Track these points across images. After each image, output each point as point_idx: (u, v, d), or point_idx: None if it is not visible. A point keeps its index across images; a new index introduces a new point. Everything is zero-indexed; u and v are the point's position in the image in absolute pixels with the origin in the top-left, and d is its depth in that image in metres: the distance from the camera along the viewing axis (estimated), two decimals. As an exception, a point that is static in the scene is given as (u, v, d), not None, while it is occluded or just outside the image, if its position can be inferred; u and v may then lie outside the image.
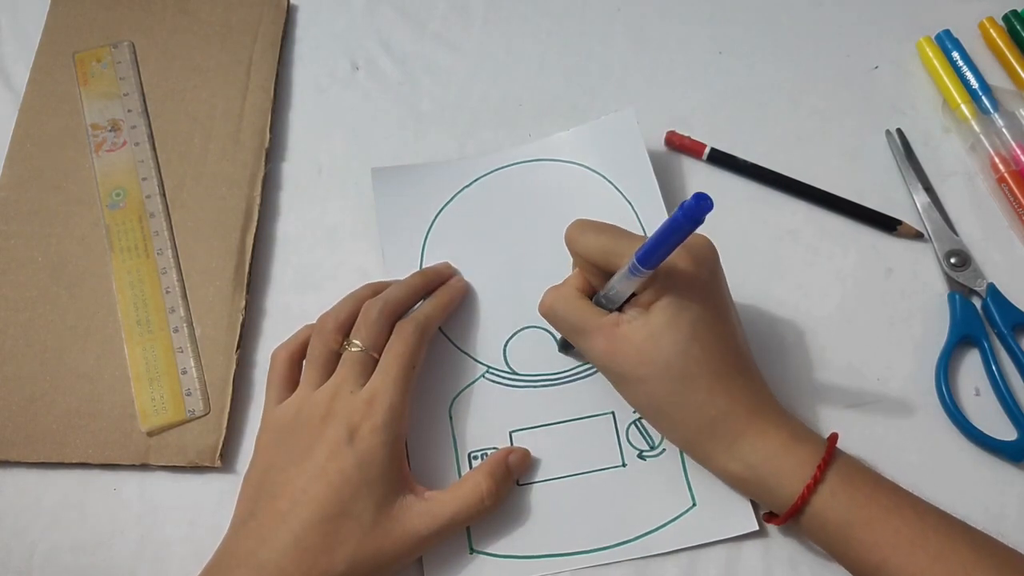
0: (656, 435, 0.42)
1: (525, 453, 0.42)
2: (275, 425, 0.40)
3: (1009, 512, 0.41)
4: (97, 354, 0.45)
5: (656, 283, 0.37)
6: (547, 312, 0.41)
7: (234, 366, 0.44)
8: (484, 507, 0.39)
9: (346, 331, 0.42)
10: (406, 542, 0.37)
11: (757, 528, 0.39)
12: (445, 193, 0.49)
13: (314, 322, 0.43)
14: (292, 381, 0.42)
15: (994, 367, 0.44)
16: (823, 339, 0.45)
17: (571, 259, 0.41)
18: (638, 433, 0.43)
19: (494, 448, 0.42)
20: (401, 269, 0.46)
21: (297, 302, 0.47)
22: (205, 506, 0.43)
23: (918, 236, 0.48)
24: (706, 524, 0.40)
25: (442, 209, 0.49)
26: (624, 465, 0.42)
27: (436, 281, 0.45)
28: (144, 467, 0.43)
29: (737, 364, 0.38)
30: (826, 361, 0.45)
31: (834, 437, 0.38)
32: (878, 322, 0.46)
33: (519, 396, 0.44)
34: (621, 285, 0.37)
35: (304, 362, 0.42)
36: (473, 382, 0.44)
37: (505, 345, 0.45)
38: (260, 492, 0.38)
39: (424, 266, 0.47)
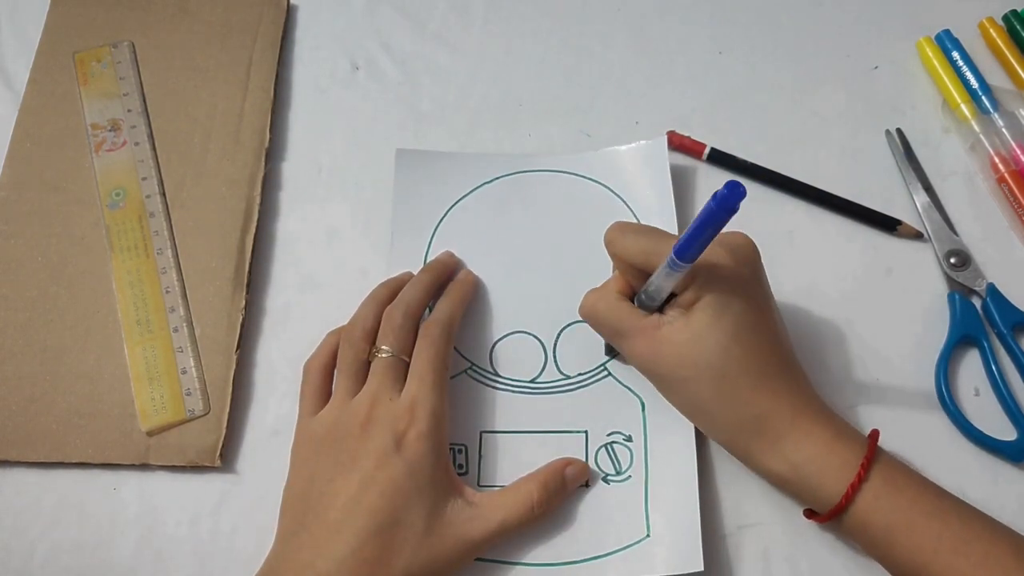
0: (624, 461, 0.42)
1: (583, 467, 0.41)
2: (314, 436, 0.40)
3: (1009, 512, 0.41)
4: (97, 354, 0.45)
5: (696, 282, 0.37)
6: (588, 314, 0.41)
7: (234, 366, 0.45)
8: (533, 515, 0.39)
9: (373, 338, 0.42)
10: (459, 548, 0.37)
11: (702, 569, 0.39)
12: (465, 185, 0.49)
13: (338, 328, 0.43)
14: (325, 391, 0.41)
15: (994, 367, 0.44)
16: (823, 339, 0.45)
17: (573, 269, 0.41)
18: (607, 457, 0.42)
19: (463, 445, 0.42)
20: (408, 254, 0.47)
21: (297, 302, 0.47)
22: (205, 506, 0.43)
23: (918, 236, 0.48)
24: (655, 557, 0.40)
25: (459, 200, 0.48)
26: (586, 486, 0.42)
27: (445, 274, 0.45)
28: (144, 467, 0.43)
29: (780, 363, 0.38)
30: (826, 361, 0.45)
31: (875, 435, 0.37)
32: (878, 322, 0.46)
33: (497, 398, 0.44)
34: (661, 282, 0.37)
35: (336, 372, 0.42)
36: (454, 376, 0.44)
37: (493, 346, 0.45)
38: (307, 504, 0.38)
39: (430, 255, 0.47)
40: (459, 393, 0.44)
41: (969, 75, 0.51)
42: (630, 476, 0.42)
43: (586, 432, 0.43)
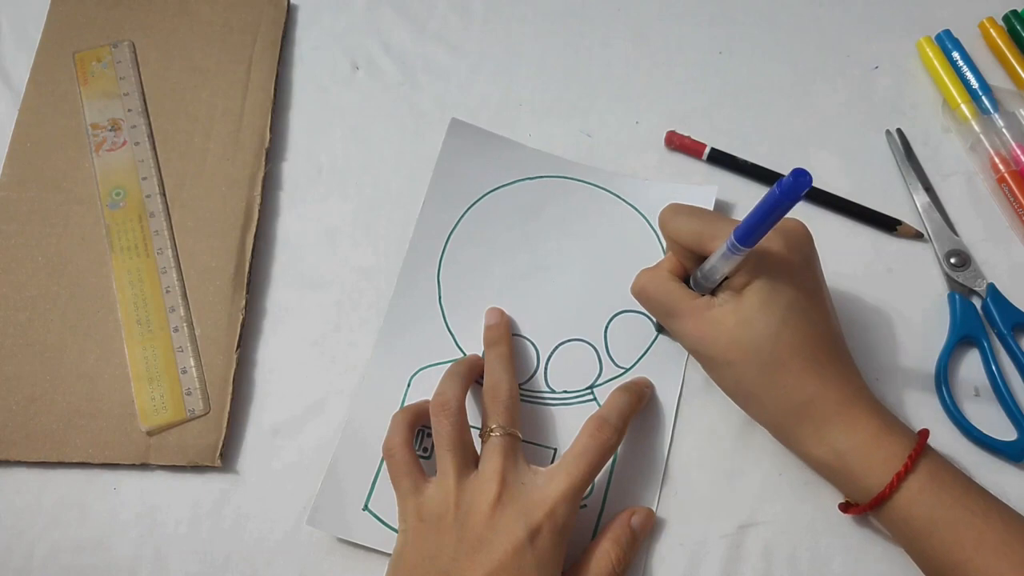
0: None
1: (649, 513, 0.41)
2: (431, 513, 0.38)
3: (1009, 512, 0.41)
4: (97, 354, 0.45)
5: (749, 266, 0.37)
6: (639, 292, 0.41)
7: (234, 365, 0.45)
8: (616, 575, 0.39)
9: (465, 412, 0.41)
10: None
11: None
12: (508, 174, 0.49)
13: (405, 408, 0.42)
14: (419, 468, 0.40)
15: (994, 367, 0.44)
16: (823, 339, 0.45)
17: (592, 288, 0.41)
18: None
19: (431, 429, 0.41)
20: (435, 225, 0.47)
21: (297, 302, 0.47)
22: (205, 506, 0.43)
23: (918, 236, 0.48)
24: None
25: (499, 188, 0.48)
26: None
27: (510, 342, 0.44)
28: (144, 466, 0.43)
29: (830, 350, 0.38)
30: (826, 361, 0.45)
31: (925, 433, 0.38)
32: (878, 322, 0.46)
33: (479, 395, 0.44)
34: (717, 264, 0.37)
35: (437, 448, 0.40)
36: (444, 362, 0.44)
37: None
38: (424, 573, 0.37)
39: (456, 232, 0.47)
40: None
41: (969, 75, 0.51)
42: (585, 504, 0.42)
43: (555, 451, 0.43)
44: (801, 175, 0.30)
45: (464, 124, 0.49)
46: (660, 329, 0.45)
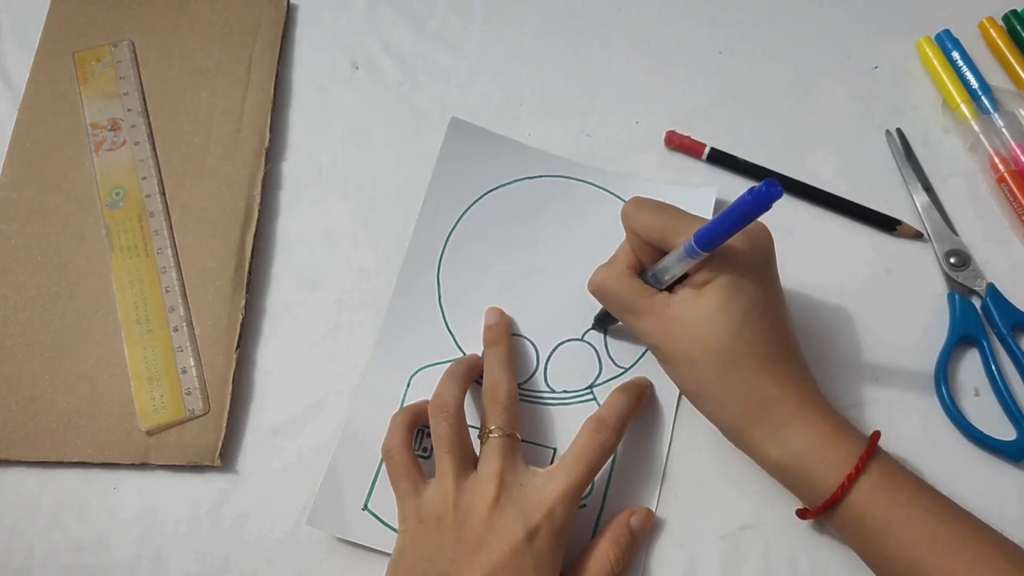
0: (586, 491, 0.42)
1: (648, 513, 0.41)
2: (430, 515, 0.38)
3: (1009, 512, 0.41)
4: (97, 353, 0.45)
5: (710, 264, 0.37)
6: (597, 289, 0.41)
7: (234, 365, 0.45)
8: (615, 575, 0.39)
9: (463, 413, 0.40)
10: None
11: None
12: (508, 173, 0.49)
13: (404, 408, 0.42)
14: (418, 469, 0.40)
15: (994, 367, 0.44)
16: (822, 339, 0.45)
17: (580, 292, 0.41)
18: None
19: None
20: (433, 226, 0.47)
21: (297, 302, 0.47)
22: (205, 505, 0.43)
23: (918, 236, 0.48)
24: None
25: (499, 187, 0.48)
26: None
27: (509, 342, 0.44)
28: (144, 466, 0.43)
29: (787, 351, 0.38)
30: (825, 361, 0.45)
31: (876, 435, 0.38)
32: (878, 322, 0.46)
33: (478, 395, 0.43)
34: (675, 266, 0.37)
35: (436, 450, 0.40)
36: (444, 362, 0.44)
37: None
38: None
39: (456, 231, 0.47)
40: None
41: (969, 75, 0.51)
42: (585, 504, 0.42)
43: (555, 450, 0.43)
44: (772, 185, 0.30)
45: (464, 123, 0.49)
46: (599, 323, 0.45)
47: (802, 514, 0.39)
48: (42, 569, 0.41)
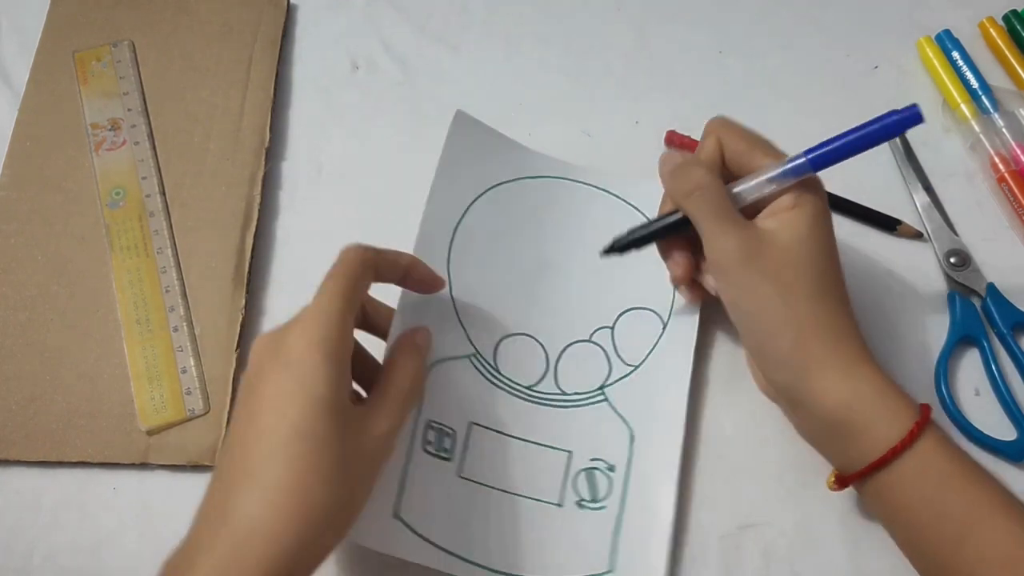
0: (602, 490, 0.42)
1: (427, 331, 0.40)
2: (242, 388, 0.35)
3: (1009, 512, 0.41)
4: (97, 353, 0.45)
5: (796, 190, 0.37)
6: (687, 178, 0.38)
7: (234, 365, 0.44)
8: (418, 385, 0.38)
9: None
10: (371, 448, 0.34)
11: None
12: (511, 171, 0.48)
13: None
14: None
15: (994, 367, 0.44)
16: (823, 339, 0.45)
17: (593, 287, 0.42)
18: (586, 482, 0.42)
19: (452, 429, 0.41)
20: (438, 221, 0.45)
21: (297, 302, 0.47)
22: (205, 505, 0.43)
23: (918, 236, 0.48)
24: None
25: (500, 184, 0.47)
26: (560, 505, 0.41)
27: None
28: (144, 466, 0.43)
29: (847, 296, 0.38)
30: (826, 361, 0.45)
31: (928, 406, 0.36)
32: (878, 322, 0.46)
33: (492, 393, 0.43)
34: (767, 186, 0.37)
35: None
36: (457, 358, 0.43)
37: (499, 341, 0.44)
38: (223, 450, 0.35)
39: (462, 225, 0.46)
40: (459, 376, 0.43)
41: (969, 75, 0.51)
42: (605, 507, 0.41)
43: (570, 453, 0.42)
44: (915, 111, 0.29)
45: (468, 117, 0.48)
46: (618, 248, 0.42)
47: (842, 481, 0.37)
48: (42, 569, 0.41)
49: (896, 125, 0.29)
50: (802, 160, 0.35)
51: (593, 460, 0.42)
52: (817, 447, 0.38)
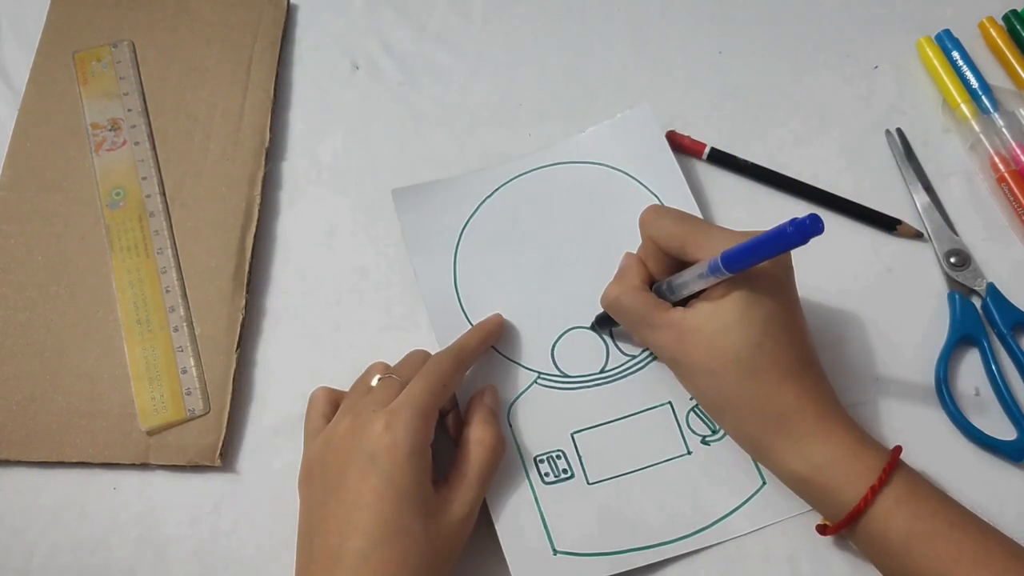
0: None
1: (493, 388, 0.43)
2: (308, 462, 0.39)
3: (1009, 512, 0.41)
4: (97, 353, 0.45)
5: (730, 278, 0.37)
6: (611, 305, 0.41)
7: (234, 365, 0.45)
8: (498, 453, 0.40)
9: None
10: (455, 531, 0.37)
11: None
12: (468, 205, 0.49)
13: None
14: (328, 419, 0.40)
15: (994, 367, 0.44)
16: (822, 339, 0.45)
17: (602, 253, 0.42)
18: (698, 419, 0.43)
19: (559, 451, 0.42)
20: (435, 286, 0.46)
21: (297, 302, 0.47)
22: (205, 505, 0.43)
23: (918, 236, 0.48)
24: (778, 502, 0.40)
25: (468, 221, 0.48)
26: (689, 453, 0.42)
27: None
28: (144, 466, 0.43)
29: (806, 363, 0.38)
30: (825, 361, 0.44)
31: (899, 449, 0.37)
32: (878, 322, 0.46)
33: (574, 398, 0.44)
34: (696, 282, 0.37)
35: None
36: (526, 389, 0.44)
37: (552, 349, 0.45)
38: (311, 533, 0.37)
39: (459, 280, 0.47)
40: (536, 403, 0.44)
41: (969, 75, 0.51)
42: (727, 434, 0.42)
43: (670, 403, 0.43)
44: (816, 221, 0.30)
45: (405, 189, 0.49)
46: (602, 325, 0.45)
47: (823, 530, 0.39)
48: (42, 569, 0.41)
49: (798, 232, 0.31)
50: (716, 261, 0.35)
51: (692, 399, 0.43)
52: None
